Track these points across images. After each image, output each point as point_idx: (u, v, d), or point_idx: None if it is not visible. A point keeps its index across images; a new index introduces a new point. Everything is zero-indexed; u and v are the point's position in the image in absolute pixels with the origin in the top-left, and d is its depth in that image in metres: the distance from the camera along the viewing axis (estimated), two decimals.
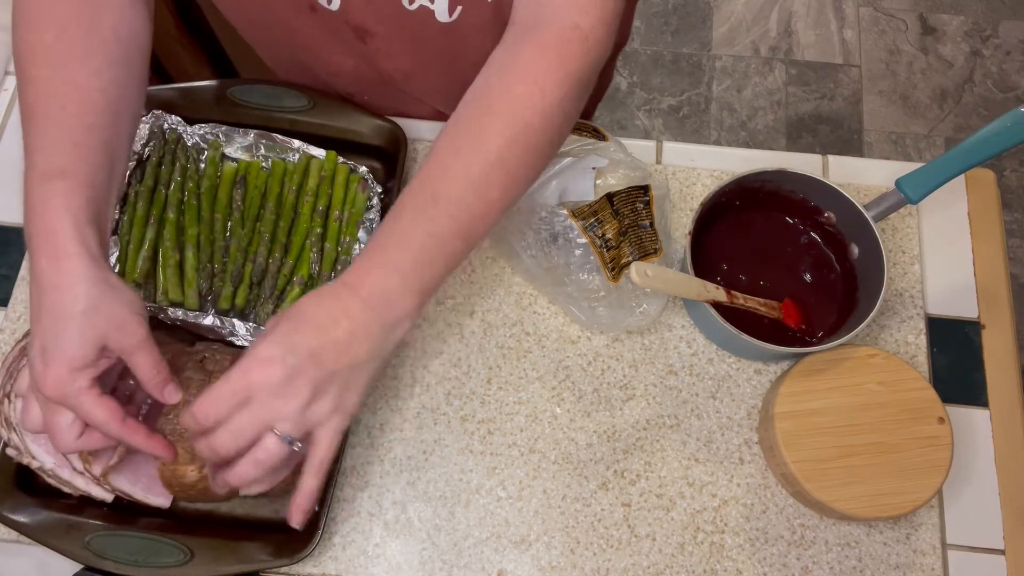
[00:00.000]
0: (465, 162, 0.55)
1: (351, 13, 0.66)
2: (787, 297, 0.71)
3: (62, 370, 0.50)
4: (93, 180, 0.54)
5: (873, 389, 0.66)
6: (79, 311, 0.51)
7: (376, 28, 0.68)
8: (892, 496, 0.63)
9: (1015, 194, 1.79)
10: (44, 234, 0.51)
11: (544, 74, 0.56)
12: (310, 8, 0.67)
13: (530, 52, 0.56)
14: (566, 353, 0.72)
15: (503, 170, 0.55)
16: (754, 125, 1.85)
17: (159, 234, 0.70)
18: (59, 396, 0.51)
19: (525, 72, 0.56)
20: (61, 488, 0.62)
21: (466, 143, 0.55)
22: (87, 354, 0.51)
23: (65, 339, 0.51)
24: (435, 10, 0.64)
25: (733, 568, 0.65)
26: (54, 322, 0.51)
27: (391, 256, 0.53)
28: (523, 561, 0.65)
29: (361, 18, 0.67)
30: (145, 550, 0.61)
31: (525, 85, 0.55)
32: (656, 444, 0.69)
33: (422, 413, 0.69)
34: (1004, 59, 1.92)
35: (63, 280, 0.51)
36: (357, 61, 0.74)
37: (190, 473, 0.58)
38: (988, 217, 0.78)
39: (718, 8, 1.97)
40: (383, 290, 0.53)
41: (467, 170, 0.54)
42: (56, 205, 0.51)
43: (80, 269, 0.51)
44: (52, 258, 0.51)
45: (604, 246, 0.67)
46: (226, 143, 0.75)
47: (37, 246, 0.51)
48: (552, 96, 0.55)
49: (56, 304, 0.51)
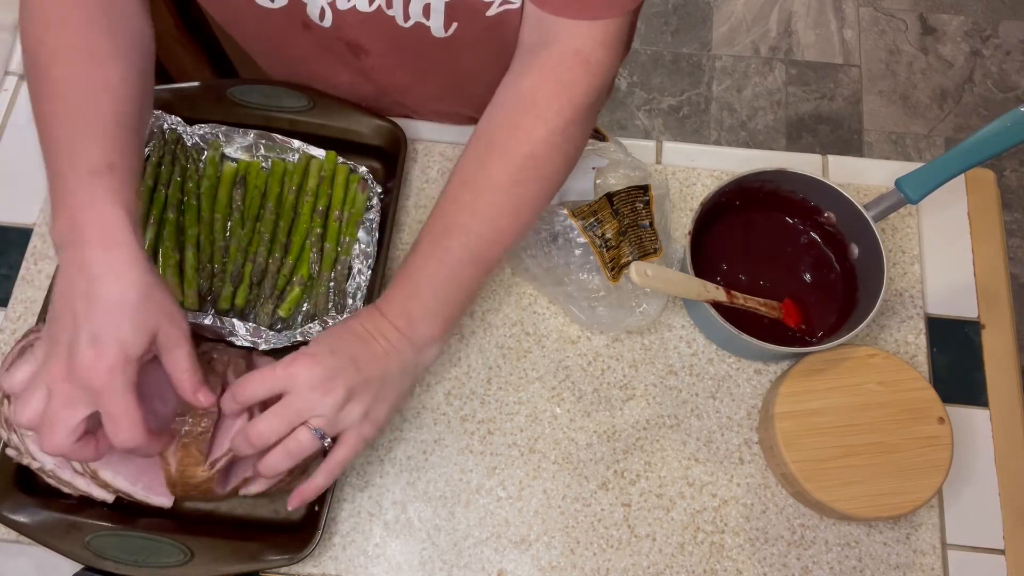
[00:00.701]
0: (473, 195, 0.58)
1: (345, 30, 0.66)
2: (787, 297, 0.71)
3: (118, 358, 0.50)
4: (134, 177, 0.55)
5: (873, 389, 0.66)
6: (135, 297, 0.51)
7: (371, 45, 0.68)
8: (892, 496, 0.63)
9: (1015, 194, 1.79)
10: (96, 225, 0.51)
11: (546, 104, 0.57)
12: (304, 25, 0.66)
13: (531, 81, 0.58)
14: (566, 353, 0.72)
15: (509, 201, 0.59)
16: (754, 125, 1.85)
17: (159, 234, 0.70)
18: (107, 385, 0.50)
19: (527, 103, 0.58)
20: (61, 488, 0.62)
21: (473, 177, 0.59)
22: (142, 342, 0.51)
23: (123, 325, 0.50)
24: (431, 26, 0.64)
25: (733, 568, 0.65)
26: (107, 309, 0.50)
27: (409, 285, 0.58)
28: (523, 561, 0.65)
29: (355, 35, 0.67)
30: (145, 550, 0.61)
31: (527, 117, 0.58)
32: (656, 444, 0.69)
33: (422, 413, 0.69)
34: (1004, 59, 1.92)
35: (118, 267, 0.51)
36: (353, 75, 0.74)
37: (200, 473, 0.58)
38: (988, 217, 0.78)
39: (718, 8, 1.97)
40: (406, 313, 0.58)
41: (474, 203, 0.58)
42: (108, 198, 0.52)
43: (135, 259, 0.52)
44: (106, 247, 0.51)
45: (604, 246, 0.67)
46: (226, 143, 0.75)
47: (89, 237, 0.51)
48: (554, 124, 0.57)
49: (111, 291, 0.51)
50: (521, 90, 0.58)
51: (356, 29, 0.66)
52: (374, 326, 0.57)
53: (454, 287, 0.59)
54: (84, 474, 0.61)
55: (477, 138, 0.60)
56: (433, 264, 0.58)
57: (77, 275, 0.51)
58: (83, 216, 0.52)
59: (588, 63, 0.57)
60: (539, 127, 0.57)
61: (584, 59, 0.57)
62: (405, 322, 0.58)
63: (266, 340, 0.67)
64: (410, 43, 0.67)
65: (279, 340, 0.67)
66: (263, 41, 0.74)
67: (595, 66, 0.58)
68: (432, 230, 0.59)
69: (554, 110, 0.57)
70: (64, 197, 0.52)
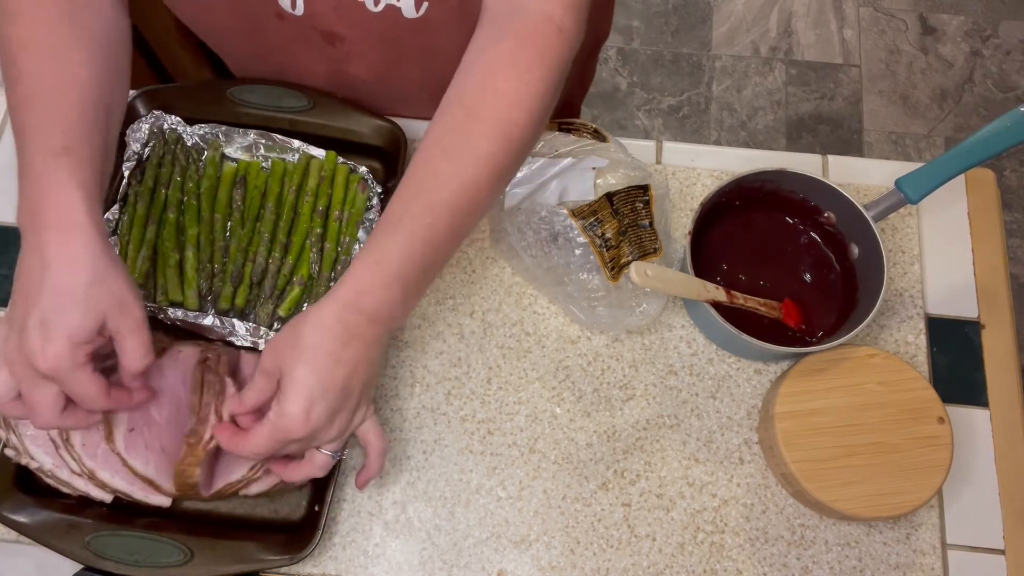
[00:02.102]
0: (456, 166, 0.55)
1: (317, 18, 0.66)
2: (787, 297, 0.71)
3: (64, 344, 0.50)
4: (94, 161, 0.55)
5: (873, 389, 0.66)
6: (85, 284, 0.51)
7: (345, 32, 0.68)
8: (892, 496, 0.63)
9: (1015, 194, 1.79)
10: (52, 208, 0.51)
11: (527, 69, 0.56)
12: (277, 16, 0.67)
13: (509, 46, 0.56)
14: (566, 353, 0.72)
15: (493, 170, 0.56)
16: (754, 125, 1.85)
17: (159, 234, 0.70)
18: (55, 370, 0.50)
19: (507, 68, 0.56)
20: (60, 488, 0.62)
21: (456, 146, 0.55)
22: (89, 329, 0.51)
23: (70, 312, 0.50)
24: (402, 7, 0.64)
25: (733, 568, 0.65)
26: (57, 295, 0.50)
27: (392, 268, 0.54)
28: (523, 561, 0.65)
29: (328, 23, 0.67)
30: (145, 550, 0.61)
31: (508, 82, 0.56)
32: (656, 444, 0.69)
33: (422, 413, 0.69)
34: (1004, 59, 1.92)
35: (71, 252, 0.51)
36: (328, 66, 0.73)
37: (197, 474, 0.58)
38: (988, 217, 0.78)
39: (718, 8, 1.97)
40: (389, 304, 0.54)
41: (459, 175, 0.55)
42: (63, 179, 0.52)
43: (90, 243, 0.51)
44: (61, 230, 0.51)
45: (604, 246, 0.67)
46: (226, 143, 0.75)
47: (44, 221, 0.51)
48: (535, 89, 0.56)
49: (61, 277, 0.50)
50: (499, 55, 0.56)
51: (329, 16, 0.66)
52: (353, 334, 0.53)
53: (433, 264, 0.57)
54: (82, 474, 0.61)
55: (451, 103, 0.57)
56: (417, 244, 0.55)
57: (33, 258, 0.51)
58: (41, 200, 0.52)
59: (561, 30, 0.57)
60: (521, 93, 0.55)
61: (557, 26, 0.57)
62: (386, 313, 0.54)
63: (266, 340, 0.67)
64: (383, 28, 0.67)
65: None
66: (236, 36, 0.74)
67: (567, 32, 0.57)
68: (412, 206, 0.55)
69: (537, 76, 0.56)
70: (26, 182, 0.53)
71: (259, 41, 0.72)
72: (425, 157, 0.56)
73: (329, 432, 0.54)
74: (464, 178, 0.55)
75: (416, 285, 0.56)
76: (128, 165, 0.73)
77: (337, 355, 0.52)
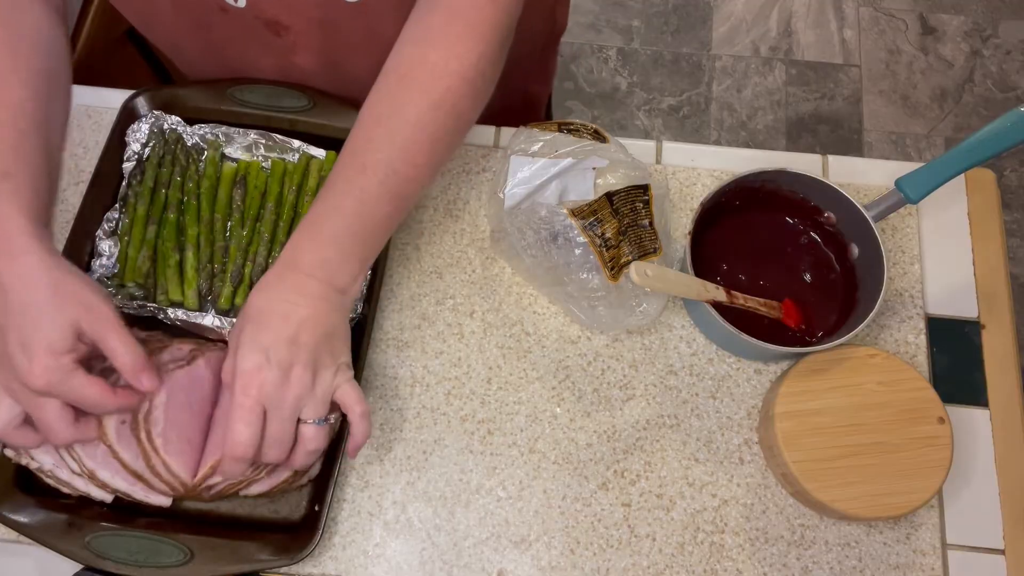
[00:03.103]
0: (388, 130, 0.57)
1: (261, 7, 0.66)
2: (787, 297, 0.71)
3: (47, 357, 0.51)
4: (36, 183, 0.55)
5: (873, 389, 0.66)
6: (46, 297, 0.52)
7: (288, 20, 0.68)
8: (892, 496, 0.63)
9: (1015, 194, 1.79)
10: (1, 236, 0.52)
11: (457, 39, 0.57)
12: (220, 9, 0.67)
13: (441, 18, 0.58)
14: (566, 353, 0.72)
15: (426, 135, 0.57)
16: (754, 125, 1.85)
17: (159, 234, 0.70)
18: (48, 384, 0.51)
19: (438, 39, 0.58)
20: (60, 488, 0.62)
21: (387, 112, 0.57)
22: (65, 337, 0.52)
23: (42, 326, 0.51)
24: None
25: (733, 568, 0.65)
26: (25, 314, 0.51)
27: (325, 228, 0.56)
28: (523, 561, 0.65)
29: (270, 12, 0.67)
30: (145, 550, 0.61)
31: (439, 52, 0.57)
32: (656, 444, 0.69)
33: (422, 413, 0.69)
34: (1004, 59, 1.92)
35: (25, 274, 0.52)
36: (276, 59, 0.74)
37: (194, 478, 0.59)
38: (988, 217, 0.78)
39: (718, 8, 1.97)
40: (323, 260, 0.56)
41: (391, 138, 0.57)
42: (4, 207, 0.52)
43: (40, 263, 0.52)
44: (9, 256, 0.52)
45: (603, 245, 0.67)
46: (226, 143, 0.75)
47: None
48: (467, 60, 0.57)
49: (23, 298, 0.51)
50: (431, 26, 0.58)
51: (272, 6, 0.66)
52: (287, 289, 0.55)
53: (371, 225, 0.58)
54: (82, 474, 0.61)
55: (386, 74, 0.59)
56: (350, 203, 0.57)
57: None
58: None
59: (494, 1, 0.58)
60: (452, 62, 0.57)
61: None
62: (324, 271, 0.56)
63: None
64: (324, 13, 0.67)
65: None
66: (182, 34, 0.74)
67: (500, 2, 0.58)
68: (346, 170, 0.57)
69: (467, 46, 0.57)
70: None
71: (205, 37, 0.73)
72: (359, 125, 0.58)
73: (291, 389, 0.54)
74: (396, 140, 0.57)
75: (353, 246, 0.57)
76: (128, 165, 0.73)
77: (281, 311, 0.54)
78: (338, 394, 0.57)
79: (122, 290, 0.69)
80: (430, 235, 0.76)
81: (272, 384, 0.53)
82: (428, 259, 0.75)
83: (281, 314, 0.54)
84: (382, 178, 0.57)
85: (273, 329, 0.54)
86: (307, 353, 0.54)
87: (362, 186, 0.56)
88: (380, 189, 0.57)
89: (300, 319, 0.54)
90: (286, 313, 0.54)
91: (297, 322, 0.54)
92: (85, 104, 0.80)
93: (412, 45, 0.58)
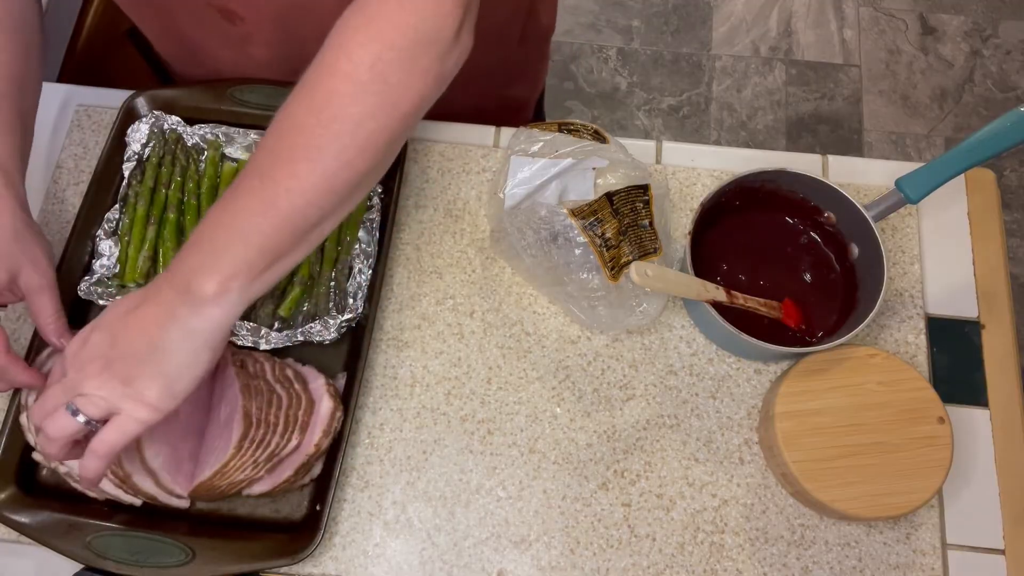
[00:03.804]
0: (275, 137, 0.53)
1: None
2: (787, 297, 0.71)
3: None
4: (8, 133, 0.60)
5: (873, 389, 0.66)
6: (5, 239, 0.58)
7: (243, 11, 0.69)
8: (892, 496, 0.63)
9: (1015, 194, 1.79)
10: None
11: (351, 38, 0.53)
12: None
13: (346, 15, 0.54)
14: (566, 353, 0.72)
15: (307, 142, 0.52)
16: (754, 125, 1.85)
17: (159, 234, 0.70)
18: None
19: (336, 37, 0.53)
20: (88, 493, 0.62)
21: (277, 117, 0.54)
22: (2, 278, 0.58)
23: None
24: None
25: (733, 568, 0.65)
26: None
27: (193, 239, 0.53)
28: (523, 561, 0.65)
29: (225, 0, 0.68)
30: (146, 550, 0.61)
31: (332, 51, 0.53)
32: (656, 444, 0.69)
33: (422, 413, 0.69)
34: (1004, 59, 1.92)
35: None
36: (233, 50, 0.74)
37: None
38: (988, 217, 0.78)
39: (718, 8, 1.97)
40: (186, 272, 0.51)
41: (275, 144, 0.53)
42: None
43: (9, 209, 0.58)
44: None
45: (604, 245, 0.67)
46: (226, 143, 0.75)
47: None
48: (358, 58, 0.52)
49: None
50: (337, 25, 0.54)
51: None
52: (153, 291, 0.52)
53: (238, 237, 0.51)
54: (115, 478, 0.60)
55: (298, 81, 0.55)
56: (217, 213, 0.52)
57: None
58: None
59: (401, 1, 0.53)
60: (341, 61, 0.52)
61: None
62: (182, 281, 0.51)
63: (266, 340, 0.67)
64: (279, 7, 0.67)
65: (279, 340, 0.67)
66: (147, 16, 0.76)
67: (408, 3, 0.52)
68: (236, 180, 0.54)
69: (358, 42, 0.52)
70: None
71: (167, 21, 0.74)
72: None
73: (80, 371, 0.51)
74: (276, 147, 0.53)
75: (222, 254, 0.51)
76: (128, 165, 0.73)
77: (126, 302, 0.52)
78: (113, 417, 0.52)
79: (122, 290, 0.69)
80: (430, 235, 0.76)
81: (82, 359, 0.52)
82: (428, 259, 0.75)
83: (127, 307, 0.52)
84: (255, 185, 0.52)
85: (113, 314, 0.52)
86: (112, 352, 0.51)
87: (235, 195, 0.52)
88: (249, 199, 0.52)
89: (137, 321, 0.51)
90: (131, 308, 0.52)
91: (132, 322, 0.51)
92: (85, 104, 0.80)
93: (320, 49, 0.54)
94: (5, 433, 0.64)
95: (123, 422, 0.51)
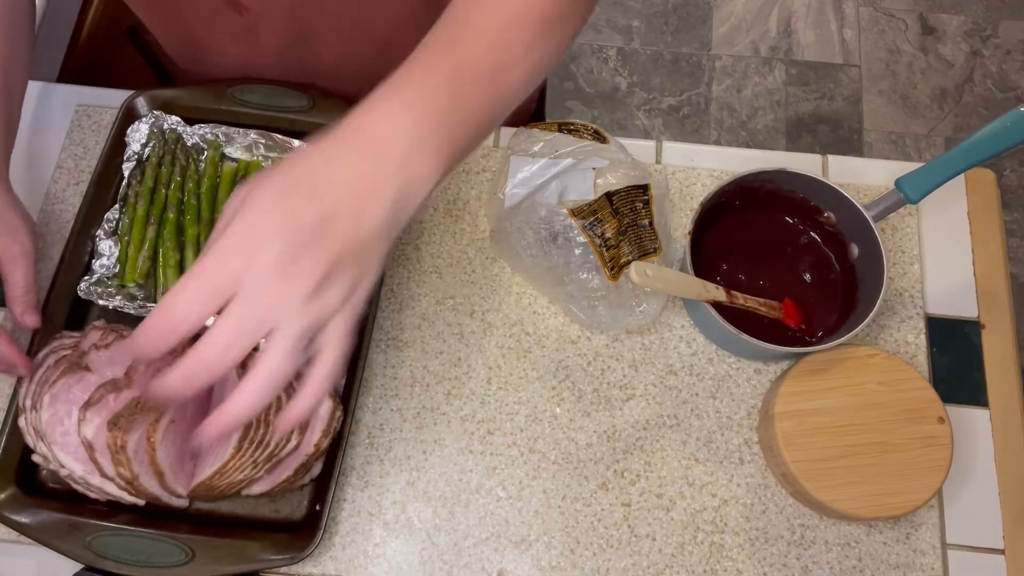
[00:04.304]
0: (484, 12, 0.47)
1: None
2: (787, 297, 0.71)
3: None
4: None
5: (873, 389, 0.66)
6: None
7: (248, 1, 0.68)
8: (892, 496, 0.63)
9: (1015, 194, 1.79)
10: None
11: None
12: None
13: None
14: (566, 353, 0.72)
15: (520, 29, 0.48)
16: (754, 125, 1.85)
17: (159, 234, 0.70)
18: None
19: None
20: (88, 494, 0.62)
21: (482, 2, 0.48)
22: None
23: None
24: None
25: (733, 568, 0.65)
26: None
27: (401, 95, 0.43)
28: (523, 561, 0.65)
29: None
30: (146, 550, 0.61)
31: None
32: (656, 444, 0.69)
33: (422, 413, 0.69)
34: (1004, 59, 1.92)
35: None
36: (239, 39, 0.74)
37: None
38: (988, 217, 0.78)
39: (718, 8, 1.97)
40: (393, 131, 0.42)
41: (485, 20, 0.47)
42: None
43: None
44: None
45: (603, 245, 0.67)
46: (226, 143, 0.75)
47: None
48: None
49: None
50: None
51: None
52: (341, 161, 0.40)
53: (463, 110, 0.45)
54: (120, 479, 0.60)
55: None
56: (438, 78, 0.44)
57: None
58: None
59: None
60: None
61: None
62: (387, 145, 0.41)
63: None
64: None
65: None
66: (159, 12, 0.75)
67: None
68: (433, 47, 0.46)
69: None
70: None
71: (173, 13, 0.74)
72: (448, 12, 0.48)
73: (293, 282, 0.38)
74: (489, 25, 0.47)
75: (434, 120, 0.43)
76: (128, 165, 0.73)
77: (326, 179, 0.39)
78: (322, 334, 0.40)
79: (122, 290, 0.69)
80: (430, 235, 0.76)
81: (267, 263, 0.37)
82: (428, 259, 0.75)
83: (327, 184, 0.39)
84: (478, 54, 0.45)
85: (306, 198, 0.39)
86: (330, 250, 0.39)
87: (453, 63, 0.44)
88: (473, 67, 0.45)
89: (339, 202, 0.39)
90: (331, 186, 0.39)
91: (337, 204, 0.39)
92: (85, 104, 0.81)
93: None
94: (5, 433, 0.64)
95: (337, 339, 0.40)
